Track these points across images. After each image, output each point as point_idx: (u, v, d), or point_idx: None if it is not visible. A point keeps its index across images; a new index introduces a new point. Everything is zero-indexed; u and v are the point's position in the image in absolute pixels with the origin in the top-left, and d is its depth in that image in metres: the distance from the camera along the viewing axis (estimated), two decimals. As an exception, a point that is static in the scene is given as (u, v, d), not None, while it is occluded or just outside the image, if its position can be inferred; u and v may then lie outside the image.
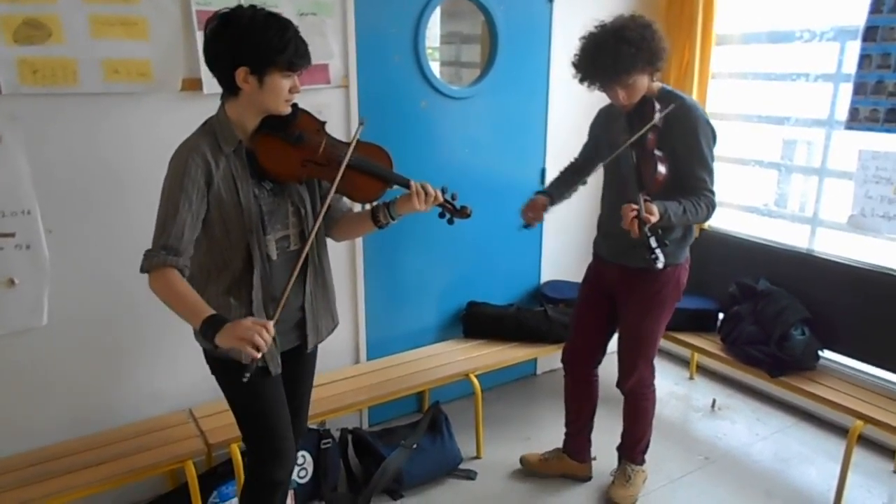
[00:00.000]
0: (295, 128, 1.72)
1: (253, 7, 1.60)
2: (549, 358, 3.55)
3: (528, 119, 3.22)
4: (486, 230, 3.17)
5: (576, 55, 2.14)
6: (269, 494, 1.90)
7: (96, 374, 2.37)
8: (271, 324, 1.58)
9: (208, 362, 1.85)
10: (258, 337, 1.51)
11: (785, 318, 2.85)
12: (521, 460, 2.77)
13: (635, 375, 2.43)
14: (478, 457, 2.87)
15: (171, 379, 2.50)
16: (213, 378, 2.21)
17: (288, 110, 1.69)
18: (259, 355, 1.54)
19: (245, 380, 1.59)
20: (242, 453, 2.25)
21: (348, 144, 1.75)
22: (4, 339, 2.17)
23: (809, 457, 2.90)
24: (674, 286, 2.31)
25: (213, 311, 1.60)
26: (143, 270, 1.62)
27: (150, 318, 2.41)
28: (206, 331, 1.57)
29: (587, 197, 3.34)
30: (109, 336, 2.37)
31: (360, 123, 1.82)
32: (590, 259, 2.56)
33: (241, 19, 1.57)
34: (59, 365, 2.29)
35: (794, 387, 2.76)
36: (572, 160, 2.60)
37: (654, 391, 2.52)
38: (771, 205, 3.55)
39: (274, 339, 1.75)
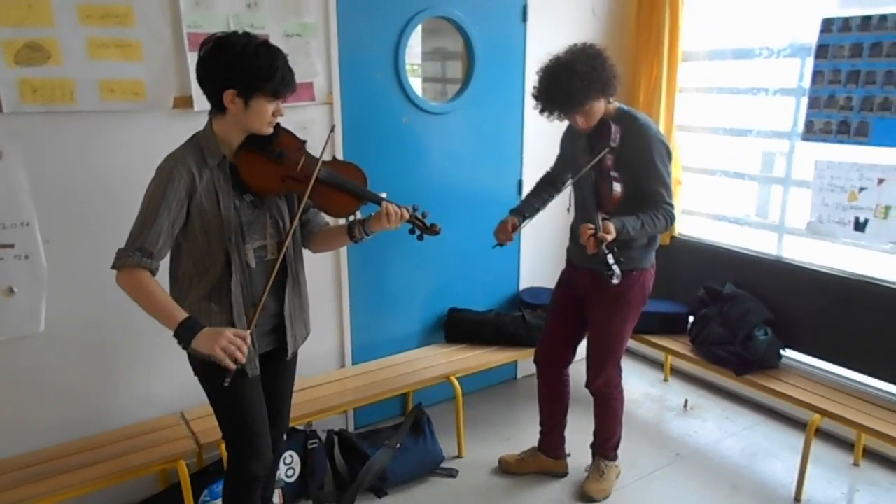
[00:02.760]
0: (276, 145, 1.85)
1: (247, 34, 1.72)
2: (530, 363, 3.66)
3: (505, 133, 3.37)
4: (466, 239, 3.30)
5: (534, 88, 2.30)
6: (246, 488, 2.01)
7: (90, 378, 2.47)
8: (248, 334, 1.71)
9: (191, 364, 1.96)
10: (237, 352, 1.68)
11: (749, 319, 3.01)
12: (500, 461, 2.89)
13: (603, 376, 2.57)
14: (459, 456, 2.99)
15: (163, 383, 2.61)
16: (203, 382, 2.32)
17: (270, 131, 1.81)
18: (234, 366, 1.67)
19: (226, 384, 1.73)
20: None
21: (326, 162, 1.89)
22: (3, 345, 2.27)
23: (774, 451, 3.04)
24: (639, 289, 2.45)
25: (186, 315, 1.71)
26: (114, 267, 1.74)
27: (143, 325, 2.49)
28: (183, 334, 1.69)
29: (562, 209, 3.49)
30: (103, 342, 2.47)
31: (331, 131, 1.97)
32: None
33: (235, 46, 1.69)
34: (54, 370, 2.39)
35: (758, 384, 2.91)
36: (547, 170, 2.74)
37: (621, 391, 2.65)
38: (744, 214, 3.70)
39: (253, 343, 1.87)
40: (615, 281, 2.04)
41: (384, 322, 3.21)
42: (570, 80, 2.15)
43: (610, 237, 2.07)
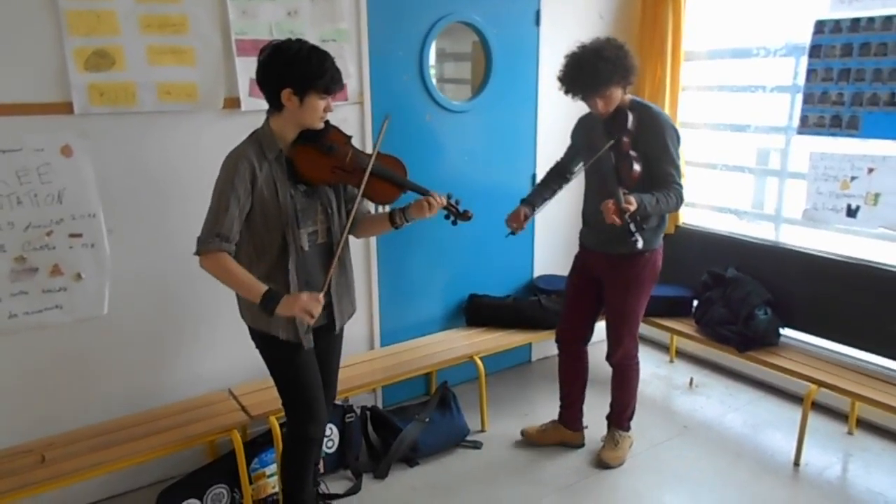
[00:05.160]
0: (327, 140, 2.07)
1: (299, 40, 1.95)
2: (543, 346, 3.91)
3: (520, 129, 3.60)
4: (483, 230, 3.49)
5: (561, 70, 2.52)
6: (305, 449, 2.23)
7: (147, 357, 2.69)
8: (321, 295, 1.95)
9: (252, 337, 2.17)
10: (314, 309, 1.93)
11: (750, 300, 3.24)
12: (522, 433, 3.11)
13: (621, 349, 2.79)
14: (483, 430, 3.21)
15: (212, 361, 2.82)
16: (248, 360, 2.55)
17: (321, 125, 2.04)
18: (313, 321, 1.92)
19: (305, 345, 2.02)
20: (280, 424, 2.58)
21: (370, 155, 2.11)
22: (73, 326, 2.49)
23: (774, 423, 3.27)
24: (651, 268, 2.69)
25: (267, 287, 1.95)
26: (197, 253, 1.96)
27: (194, 308, 2.74)
28: (268, 303, 1.92)
29: (572, 200, 3.71)
30: (159, 324, 2.69)
31: (387, 118, 2.16)
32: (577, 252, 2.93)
33: (290, 50, 1.92)
34: (116, 349, 2.61)
35: (759, 359, 3.14)
36: (556, 161, 2.95)
37: (637, 363, 2.88)
38: (741, 205, 3.94)
39: (312, 317, 2.09)
40: (639, 246, 2.27)
41: (409, 308, 3.43)
42: (596, 64, 2.39)
43: (632, 208, 2.29)
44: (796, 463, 2.92)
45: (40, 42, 2.26)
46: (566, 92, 2.53)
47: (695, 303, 3.61)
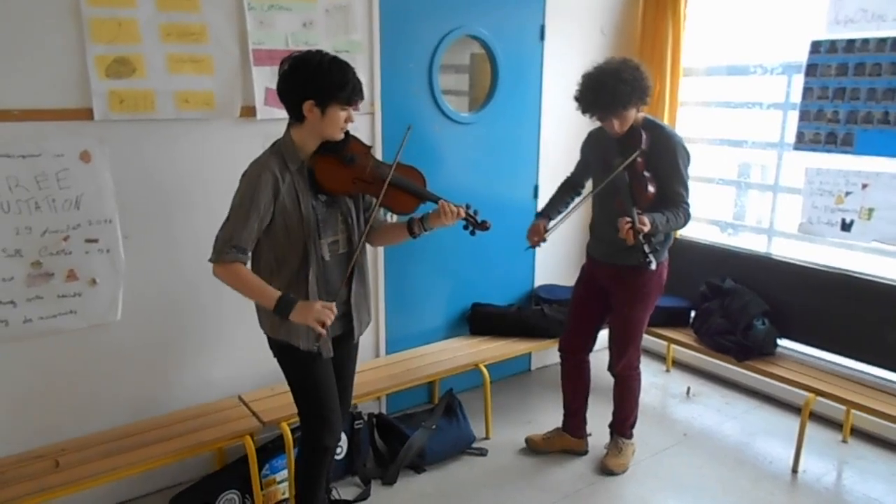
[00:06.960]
0: (347, 151, 2.10)
1: (320, 52, 1.99)
2: (542, 355, 3.96)
3: (523, 142, 3.66)
4: (486, 240, 3.51)
5: (578, 91, 2.57)
6: (319, 458, 2.24)
7: (158, 363, 2.69)
8: (333, 305, 1.97)
9: (270, 347, 2.19)
10: (327, 319, 1.93)
11: (748, 310, 3.32)
12: (527, 441, 3.14)
13: (625, 359, 2.85)
14: (487, 437, 3.25)
15: (222, 369, 2.83)
16: (257, 367, 2.56)
17: (342, 136, 2.06)
18: (325, 332, 1.93)
19: (316, 348, 2.02)
20: (292, 430, 2.59)
21: (391, 166, 2.15)
22: (87, 332, 2.49)
23: (771, 432, 3.34)
24: (657, 280, 2.75)
25: (281, 293, 1.97)
26: (212, 260, 1.99)
27: (205, 314, 2.76)
28: (282, 309, 1.95)
29: (573, 212, 3.77)
30: (170, 330, 2.70)
31: (408, 128, 2.20)
32: (578, 263, 2.99)
33: (311, 62, 1.95)
34: (128, 355, 2.61)
35: (758, 368, 3.22)
36: (567, 176, 3.00)
37: (639, 373, 2.94)
38: (725, 218, 4.06)
39: (326, 328, 2.12)
40: (653, 267, 2.33)
41: (414, 316, 3.47)
42: (616, 86, 2.43)
43: (646, 228, 2.35)
44: (794, 470, 3.00)
45: (63, 49, 2.28)
46: (584, 112, 2.57)
47: (692, 313, 3.69)
